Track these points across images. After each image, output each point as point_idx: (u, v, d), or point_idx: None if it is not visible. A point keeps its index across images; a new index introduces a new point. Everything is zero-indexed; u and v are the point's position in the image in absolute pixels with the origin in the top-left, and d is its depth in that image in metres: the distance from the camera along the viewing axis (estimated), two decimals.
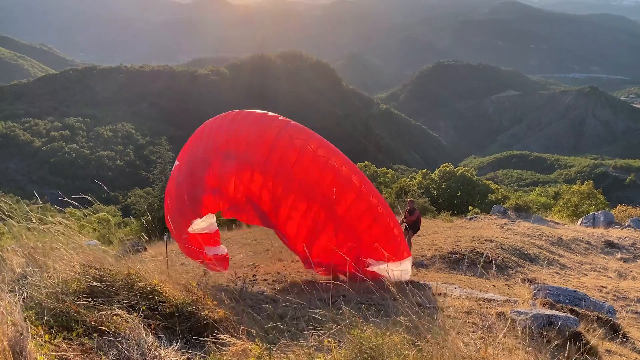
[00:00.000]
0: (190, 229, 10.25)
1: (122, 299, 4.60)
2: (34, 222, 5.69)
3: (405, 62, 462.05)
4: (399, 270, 9.66)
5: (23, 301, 4.24)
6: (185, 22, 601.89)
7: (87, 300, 4.38)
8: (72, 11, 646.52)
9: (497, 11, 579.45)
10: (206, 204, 10.07)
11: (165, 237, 9.01)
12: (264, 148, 9.35)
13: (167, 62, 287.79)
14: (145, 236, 10.71)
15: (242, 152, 9.52)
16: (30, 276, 4.81)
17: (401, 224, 15.46)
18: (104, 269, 5.04)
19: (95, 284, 4.67)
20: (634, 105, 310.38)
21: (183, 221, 10.17)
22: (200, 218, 10.04)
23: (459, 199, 43.82)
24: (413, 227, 15.05)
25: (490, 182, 56.83)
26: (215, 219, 10.97)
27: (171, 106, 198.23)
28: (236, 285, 8.48)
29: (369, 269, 9.40)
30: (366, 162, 52.96)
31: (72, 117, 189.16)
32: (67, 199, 6.43)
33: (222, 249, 11.10)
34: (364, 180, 9.70)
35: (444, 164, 49.28)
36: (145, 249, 17.31)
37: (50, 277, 4.70)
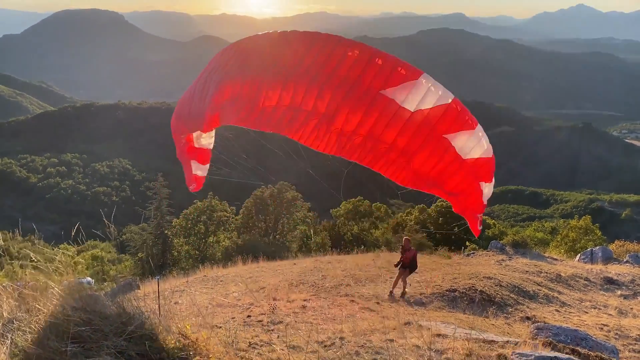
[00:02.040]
0: (195, 143, 10.59)
1: (111, 345, 4.45)
2: (27, 261, 5.58)
3: None
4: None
5: (7, 347, 4.09)
6: (182, 60, 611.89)
7: (75, 346, 4.23)
8: (72, 49, 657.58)
9: (490, 50, 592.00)
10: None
11: (157, 277, 8.85)
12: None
13: (165, 99, 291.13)
14: (139, 274, 10.56)
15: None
16: (18, 320, 4.67)
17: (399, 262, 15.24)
18: (94, 311, 4.90)
19: (84, 328, 4.52)
20: (627, 140, 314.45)
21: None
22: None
23: (456, 235, 43.61)
24: (410, 265, 14.83)
25: (487, 217, 56.72)
26: (213, 138, 11.01)
27: (168, 142, 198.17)
28: (229, 327, 8.28)
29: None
30: (359, 197, 53.00)
31: (69, 153, 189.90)
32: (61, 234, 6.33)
33: (205, 170, 11.24)
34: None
35: (440, 199, 49.24)
36: (138, 287, 17.07)
37: (37, 321, 4.56)
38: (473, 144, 8.44)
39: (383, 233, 41.67)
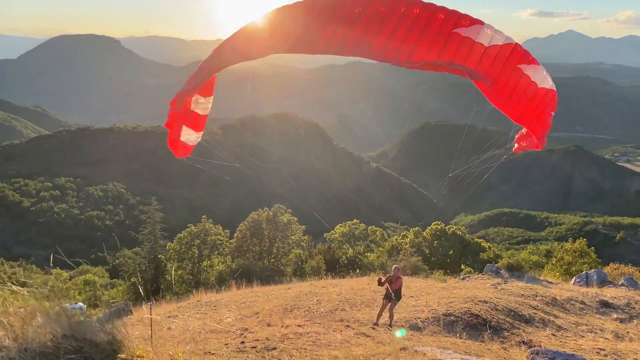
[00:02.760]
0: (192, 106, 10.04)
1: None
2: (17, 286, 5.50)
3: (394, 122, 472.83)
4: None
5: None
6: (178, 85, 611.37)
7: None
8: (68, 74, 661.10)
9: None
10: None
11: (150, 303, 8.75)
12: None
13: (160, 123, 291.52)
14: (131, 299, 10.40)
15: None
16: (6, 349, 4.59)
17: (384, 285, 14.64)
18: (85, 339, 4.83)
19: (74, 356, 4.45)
20: (618, 163, 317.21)
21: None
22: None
23: (452, 258, 43.54)
24: (397, 295, 14.25)
25: (481, 240, 56.70)
26: (210, 104, 10.35)
27: (163, 165, 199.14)
28: (222, 353, 8.17)
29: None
30: (355, 220, 53.02)
31: (63, 177, 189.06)
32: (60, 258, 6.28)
33: (197, 138, 10.78)
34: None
35: (435, 222, 49.26)
36: (131, 313, 16.87)
37: (26, 349, 4.48)
38: (542, 77, 9.29)
39: (378, 256, 41.53)
